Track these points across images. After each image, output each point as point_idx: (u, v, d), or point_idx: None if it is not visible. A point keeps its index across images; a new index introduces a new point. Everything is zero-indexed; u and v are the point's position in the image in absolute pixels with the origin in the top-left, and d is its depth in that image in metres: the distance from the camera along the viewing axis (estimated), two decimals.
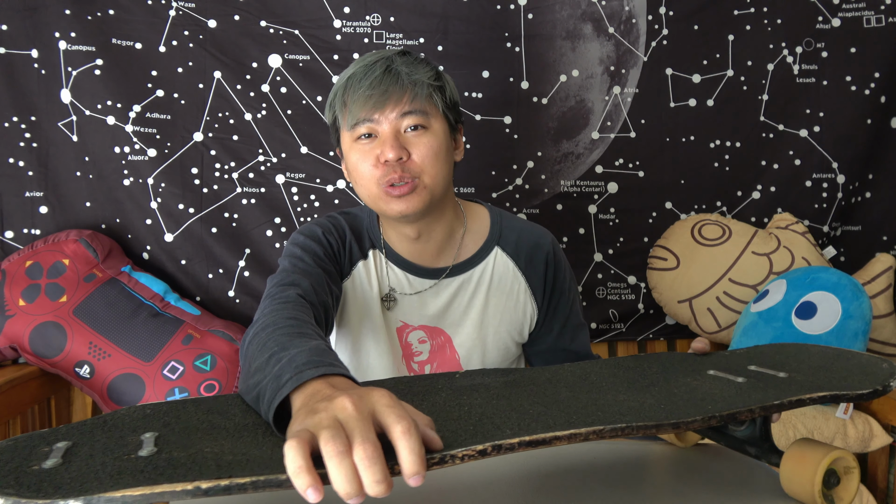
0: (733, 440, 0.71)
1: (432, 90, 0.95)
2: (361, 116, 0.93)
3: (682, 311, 1.73)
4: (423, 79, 0.94)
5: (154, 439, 0.49)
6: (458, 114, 1.03)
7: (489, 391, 0.63)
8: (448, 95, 0.99)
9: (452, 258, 1.07)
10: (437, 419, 0.55)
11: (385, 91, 0.92)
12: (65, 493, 0.40)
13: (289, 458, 0.43)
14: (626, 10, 1.76)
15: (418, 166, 0.94)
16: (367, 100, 0.92)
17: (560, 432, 0.50)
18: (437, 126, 0.96)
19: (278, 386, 0.56)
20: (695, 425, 0.55)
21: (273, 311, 0.79)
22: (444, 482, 0.67)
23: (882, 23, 1.80)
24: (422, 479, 0.45)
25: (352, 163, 0.97)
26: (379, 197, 0.95)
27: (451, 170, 1.00)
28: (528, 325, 1.10)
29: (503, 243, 1.08)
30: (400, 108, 0.93)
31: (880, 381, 0.62)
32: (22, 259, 1.47)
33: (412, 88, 0.93)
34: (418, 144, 0.94)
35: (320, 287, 0.93)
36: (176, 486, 0.41)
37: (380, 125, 0.93)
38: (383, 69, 0.93)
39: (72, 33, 1.55)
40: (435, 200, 0.97)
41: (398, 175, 0.92)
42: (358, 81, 0.94)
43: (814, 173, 1.84)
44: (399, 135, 0.93)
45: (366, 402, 0.49)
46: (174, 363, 1.44)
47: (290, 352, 0.61)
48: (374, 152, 0.94)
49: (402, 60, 0.95)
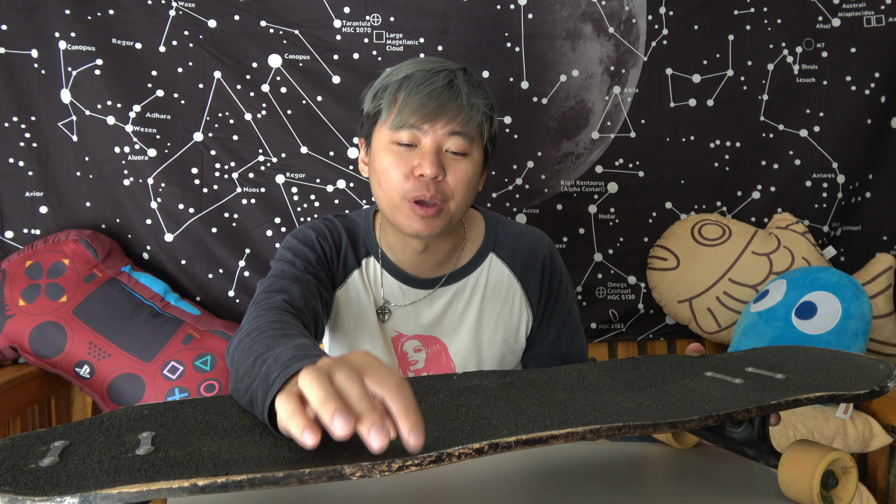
0: (731, 442, 0.71)
1: (484, 118, 0.93)
2: (410, 121, 0.89)
3: (682, 311, 1.73)
4: (480, 104, 0.92)
5: (151, 438, 0.49)
6: (494, 148, 1.01)
7: (487, 392, 0.63)
8: (494, 128, 0.98)
9: (450, 268, 1.05)
10: (435, 419, 0.55)
11: (442, 105, 0.89)
12: (62, 490, 0.40)
13: (280, 408, 0.43)
14: (626, 10, 1.76)
15: (451, 189, 0.92)
16: (421, 107, 0.89)
17: (557, 431, 0.50)
18: (476, 155, 0.94)
19: (268, 385, 0.56)
20: (692, 425, 0.55)
21: (257, 316, 0.78)
22: (444, 482, 0.68)
23: (882, 23, 1.80)
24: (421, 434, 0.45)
25: (381, 164, 0.93)
26: (400, 209, 0.93)
27: (473, 199, 0.99)
28: (523, 331, 1.09)
29: (498, 249, 1.07)
30: (451, 126, 0.90)
31: (877, 382, 0.62)
32: (22, 259, 1.47)
33: (468, 111, 0.90)
34: (456, 169, 0.92)
35: (310, 293, 0.91)
36: (173, 484, 0.41)
37: (425, 136, 0.90)
38: (446, 82, 0.90)
39: (72, 33, 1.55)
40: (452, 225, 0.97)
41: (430, 194, 0.90)
42: (417, 85, 0.90)
43: (814, 173, 1.84)
44: (440, 152, 0.91)
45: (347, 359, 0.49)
46: (174, 363, 1.45)
47: (275, 351, 0.61)
48: (411, 163, 0.91)
49: (465, 79, 0.93)
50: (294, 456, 0.47)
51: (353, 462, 0.44)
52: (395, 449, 0.47)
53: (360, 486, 0.65)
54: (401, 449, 0.47)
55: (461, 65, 0.96)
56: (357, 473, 0.44)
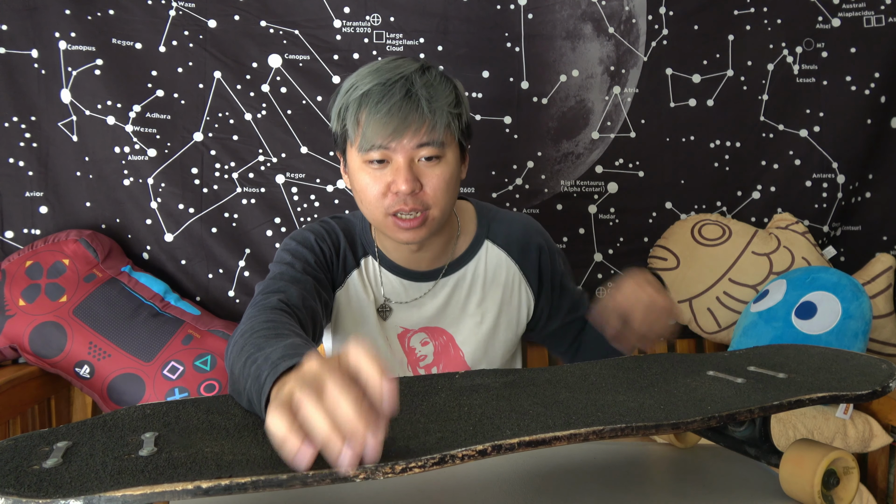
0: (733, 441, 0.71)
1: (451, 118, 0.92)
2: (377, 143, 0.89)
3: (682, 311, 1.73)
4: (444, 106, 0.91)
5: (154, 439, 0.49)
6: (469, 136, 1.00)
7: (489, 392, 0.63)
8: (464, 121, 0.97)
9: (448, 258, 1.07)
10: (438, 420, 0.55)
11: (404, 119, 0.88)
12: (65, 492, 0.40)
13: (271, 427, 0.43)
14: (626, 10, 1.76)
15: (430, 198, 0.92)
16: (383, 126, 0.88)
17: (559, 433, 0.51)
18: (450, 155, 0.94)
19: (259, 386, 0.56)
20: (694, 426, 0.55)
21: (251, 317, 0.78)
22: (445, 482, 0.68)
23: (882, 23, 1.80)
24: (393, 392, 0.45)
25: (360, 184, 0.94)
26: (385, 225, 0.94)
27: (458, 192, 0.99)
28: (525, 313, 1.11)
29: (492, 236, 1.08)
30: (418, 138, 0.89)
31: (879, 382, 0.62)
32: (22, 259, 1.47)
33: (431, 118, 0.89)
34: (431, 176, 0.92)
35: (308, 293, 0.91)
36: (176, 486, 0.41)
37: (395, 154, 0.90)
38: (403, 93, 0.89)
39: (72, 33, 1.55)
40: (441, 226, 0.97)
41: (409, 207, 0.91)
42: (375, 104, 0.89)
43: (814, 173, 1.84)
44: (413, 165, 0.91)
45: (330, 359, 0.49)
46: (174, 363, 1.44)
47: (266, 351, 0.61)
48: (385, 180, 0.91)
49: (423, 82, 0.91)
50: None
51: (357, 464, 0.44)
52: (399, 451, 0.47)
53: (363, 487, 0.65)
54: (404, 451, 0.47)
55: (418, 62, 0.95)
56: (361, 475, 0.44)
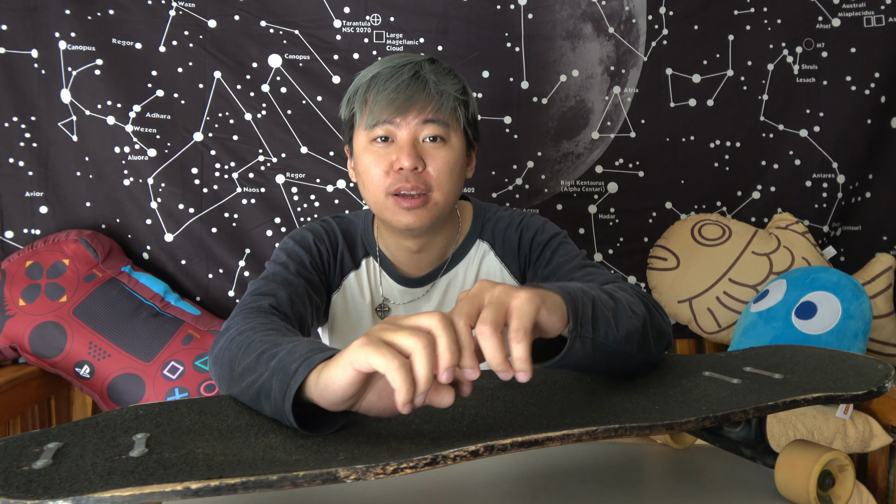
0: (728, 442, 0.71)
1: (457, 103, 0.93)
2: (382, 118, 0.90)
3: (682, 311, 1.73)
4: (450, 90, 0.92)
5: (145, 440, 0.49)
6: (476, 131, 1.01)
7: (483, 392, 0.63)
8: (471, 111, 0.97)
9: (443, 261, 1.06)
10: (431, 420, 0.55)
11: (410, 96, 0.89)
12: (54, 493, 0.40)
13: (372, 359, 0.48)
14: (626, 10, 1.76)
15: (433, 179, 0.92)
16: (390, 102, 0.89)
17: (553, 433, 0.50)
18: (455, 141, 0.94)
19: (288, 375, 0.55)
20: (688, 426, 0.55)
21: (246, 318, 0.78)
22: (444, 483, 0.67)
23: (882, 23, 1.79)
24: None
25: (363, 165, 0.94)
26: (386, 207, 0.93)
27: (462, 186, 0.99)
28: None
29: (484, 235, 1.07)
30: (423, 115, 0.90)
31: (875, 383, 0.61)
32: (22, 259, 1.47)
33: (438, 98, 0.90)
34: (436, 157, 0.92)
35: (298, 297, 0.90)
36: (165, 487, 0.41)
37: (399, 130, 0.91)
38: (411, 74, 0.91)
39: (72, 33, 1.55)
40: (442, 216, 0.96)
41: (411, 184, 0.90)
42: (384, 82, 0.91)
43: (814, 173, 1.83)
44: (417, 143, 0.91)
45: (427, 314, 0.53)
46: (174, 363, 1.45)
47: (285, 346, 0.61)
48: (389, 158, 0.91)
49: (431, 68, 0.93)
50: (288, 458, 0.47)
51: (348, 465, 0.44)
52: (390, 451, 0.47)
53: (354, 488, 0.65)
54: (395, 451, 0.47)
55: (428, 56, 0.97)
56: (352, 476, 0.44)
